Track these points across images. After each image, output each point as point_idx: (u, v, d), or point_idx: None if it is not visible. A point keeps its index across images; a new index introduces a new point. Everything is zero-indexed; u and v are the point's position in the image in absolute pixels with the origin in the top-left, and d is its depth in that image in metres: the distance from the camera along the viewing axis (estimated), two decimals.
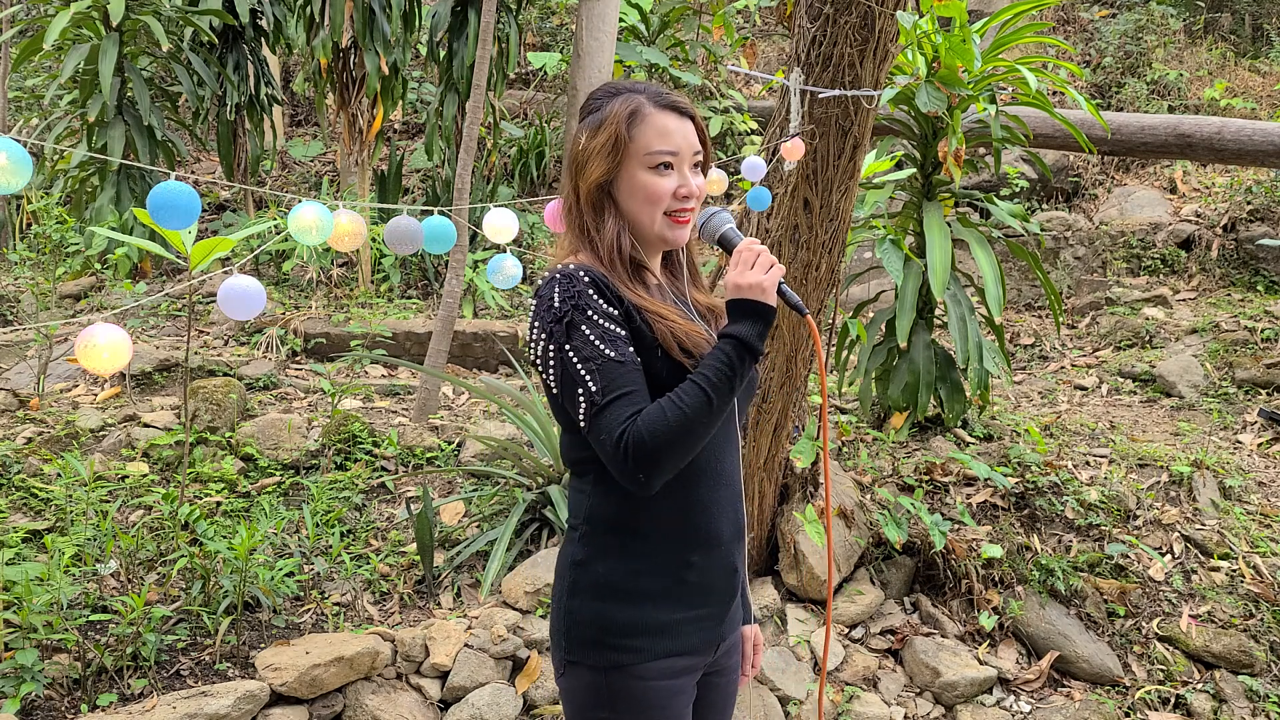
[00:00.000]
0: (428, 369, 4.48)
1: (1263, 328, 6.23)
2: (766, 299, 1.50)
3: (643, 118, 1.57)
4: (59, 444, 3.94)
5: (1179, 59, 9.71)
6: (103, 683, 2.77)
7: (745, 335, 1.48)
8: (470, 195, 4.97)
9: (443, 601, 3.51)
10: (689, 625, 1.59)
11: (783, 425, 3.58)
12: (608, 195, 1.59)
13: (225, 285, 1.82)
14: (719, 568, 1.61)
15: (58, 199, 6.20)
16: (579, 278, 1.49)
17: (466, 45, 6.81)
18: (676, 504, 1.56)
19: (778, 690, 3.25)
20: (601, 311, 1.48)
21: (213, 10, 6.38)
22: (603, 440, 1.44)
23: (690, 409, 1.43)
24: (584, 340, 1.46)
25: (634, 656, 1.54)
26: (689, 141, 1.59)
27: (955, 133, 4.00)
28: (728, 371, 1.46)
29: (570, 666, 1.59)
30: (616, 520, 1.56)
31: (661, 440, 1.40)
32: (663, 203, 1.57)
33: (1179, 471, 4.31)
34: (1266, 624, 3.64)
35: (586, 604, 1.56)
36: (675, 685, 1.58)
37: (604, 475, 1.56)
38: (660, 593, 1.56)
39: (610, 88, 1.62)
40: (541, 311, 1.49)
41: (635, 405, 1.44)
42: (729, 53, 9.67)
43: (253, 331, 5.70)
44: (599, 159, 1.57)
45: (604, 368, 1.44)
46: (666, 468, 1.43)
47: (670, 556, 1.57)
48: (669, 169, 1.58)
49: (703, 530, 1.58)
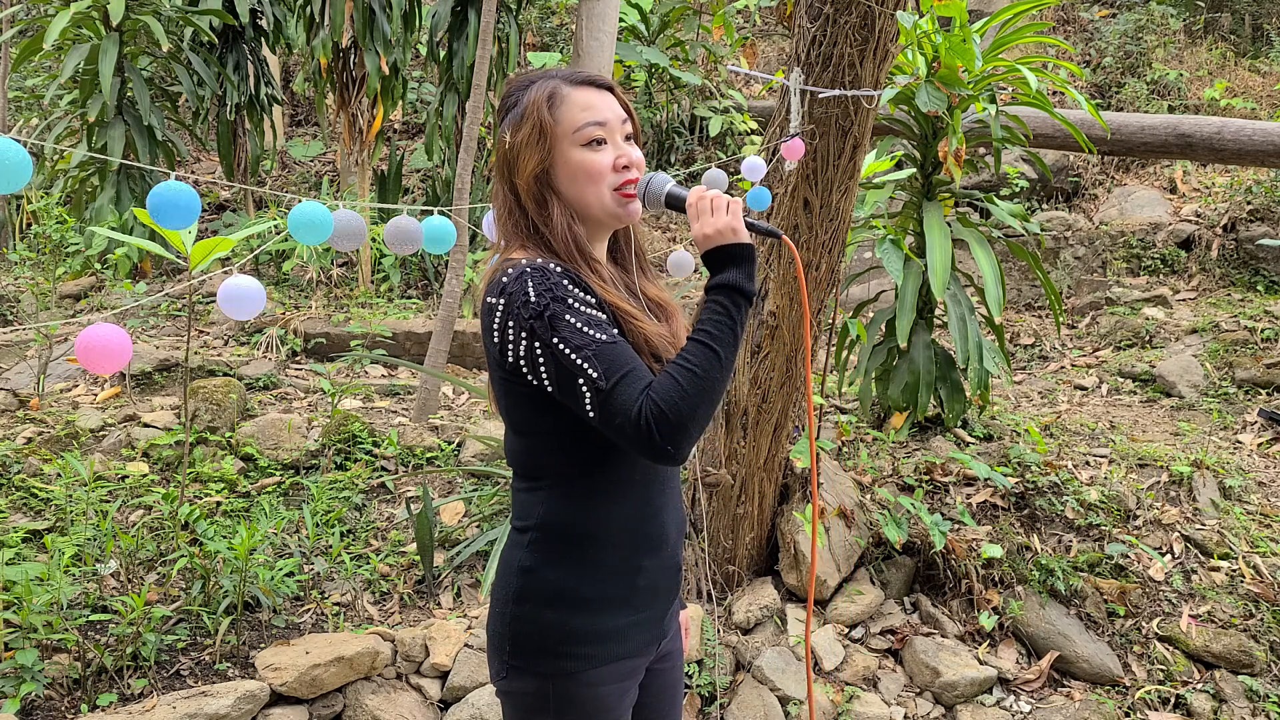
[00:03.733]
0: (428, 369, 4.48)
1: (1263, 328, 6.24)
2: (739, 238, 1.46)
3: (562, 98, 1.52)
4: (59, 444, 3.94)
5: (1179, 59, 9.71)
6: (103, 683, 2.77)
7: (733, 280, 1.44)
8: (470, 195, 4.98)
9: (443, 601, 3.51)
10: (636, 628, 1.58)
11: (782, 425, 3.58)
12: (547, 186, 1.52)
13: (225, 285, 1.82)
14: (665, 568, 1.60)
15: (58, 199, 6.20)
16: (550, 269, 1.43)
17: (466, 45, 6.81)
18: (630, 509, 1.54)
19: (778, 690, 3.25)
20: (580, 299, 1.42)
21: (213, 10, 6.38)
22: (619, 424, 1.37)
23: (700, 368, 1.37)
24: (571, 330, 1.39)
25: (584, 664, 1.52)
26: (615, 112, 1.54)
27: (955, 133, 4.00)
28: (728, 321, 1.41)
29: (514, 671, 1.54)
30: (571, 528, 1.51)
31: (681, 406, 1.34)
32: (604, 177, 1.51)
33: (1179, 471, 4.31)
34: (1266, 624, 3.64)
35: (534, 611, 1.52)
36: (621, 689, 1.57)
37: (562, 481, 1.52)
38: (611, 599, 1.53)
39: (522, 80, 1.57)
40: (515, 310, 1.41)
41: (643, 380, 1.38)
42: (729, 53, 9.67)
43: (253, 331, 5.70)
44: (528, 151, 1.51)
45: (600, 353, 1.38)
46: (694, 433, 1.37)
47: (623, 563, 1.54)
48: (601, 144, 1.52)
49: (654, 534, 1.57)
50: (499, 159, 1.57)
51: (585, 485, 1.51)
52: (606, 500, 1.52)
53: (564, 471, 1.51)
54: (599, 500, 1.51)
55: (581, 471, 1.51)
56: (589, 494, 1.51)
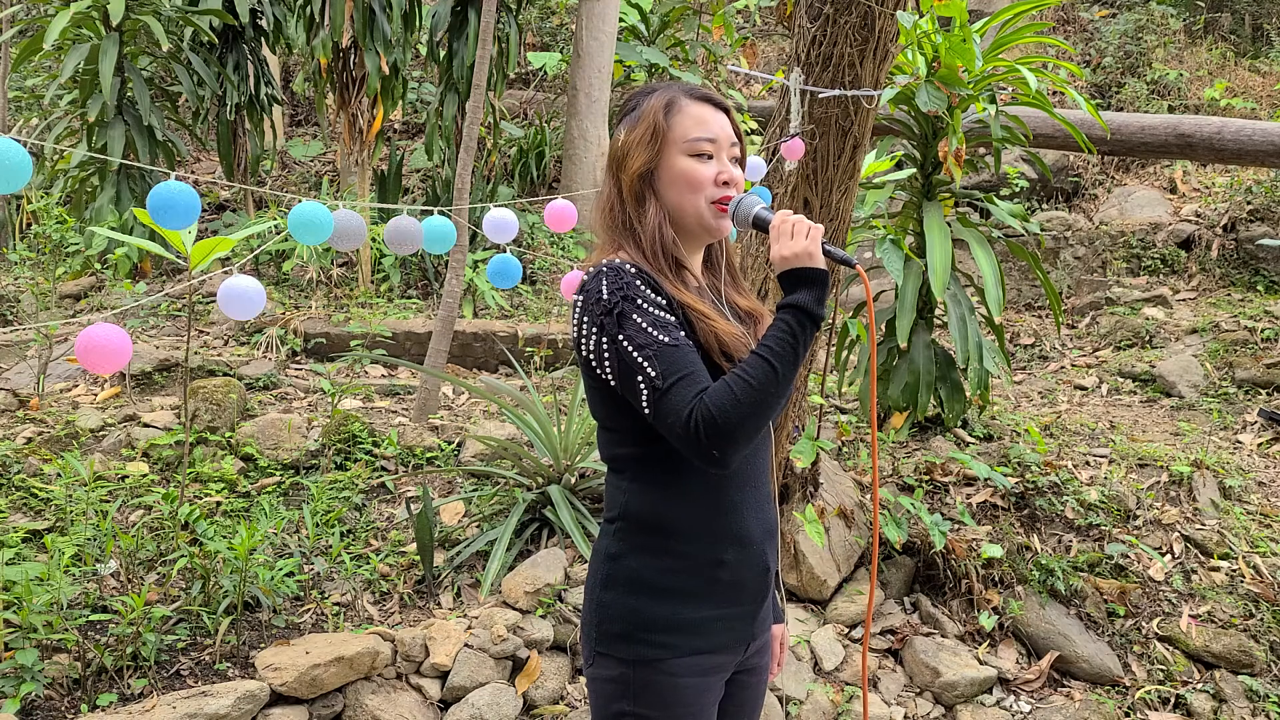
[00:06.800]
0: (428, 369, 4.48)
1: (1263, 328, 6.24)
2: (814, 262, 1.50)
3: (679, 108, 1.61)
4: (59, 444, 3.94)
5: (1179, 59, 9.71)
6: (103, 683, 2.77)
7: (802, 302, 1.48)
8: (470, 195, 4.98)
9: (443, 601, 3.51)
10: (719, 624, 1.60)
11: (782, 425, 3.59)
12: (649, 186, 1.61)
13: (225, 285, 1.82)
14: (751, 567, 1.62)
15: (58, 199, 6.20)
16: (625, 270, 1.51)
17: (466, 45, 6.81)
18: (707, 503, 1.57)
19: (778, 690, 3.25)
20: (649, 300, 1.50)
21: (213, 10, 6.38)
22: (670, 423, 1.43)
23: (756, 381, 1.42)
24: (637, 329, 1.47)
25: (664, 652, 1.56)
26: (726, 132, 1.62)
27: (955, 132, 4.00)
28: (790, 340, 1.45)
29: (599, 658, 1.60)
30: (651, 517, 1.57)
31: (731, 415, 1.40)
32: (704, 188, 1.59)
33: (1179, 471, 4.31)
34: (1266, 624, 3.64)
35: (619, 598, 1.58)
36: (703, 684, 1.59)
37: (641, 472, 1.58)
38: (692, 590, 1.57)
39: (646, 88, 1.67)
40: (590, 305, 1.50)
41: (699, 384, 1.44)
42: (729, 53, 9.67)
43: (253, 331, 5.70)
44: (639, 150, 1.60)
45: (661, 353, 1.45)
46: (741, 442, 1.42)
47: (703, 555, 1.57)
48: (708, 158, 1.60)
49: (733, 530, 1.59)
50: (611, 156, 1.67)
51: (661, 478, 1.56)
52: (681, 494, 1.56)
53: (641, 464, 1.58)
54: (674, 493, 1.57)
55: (657, 465, 1.56)
56: (665, 486, 1.57)
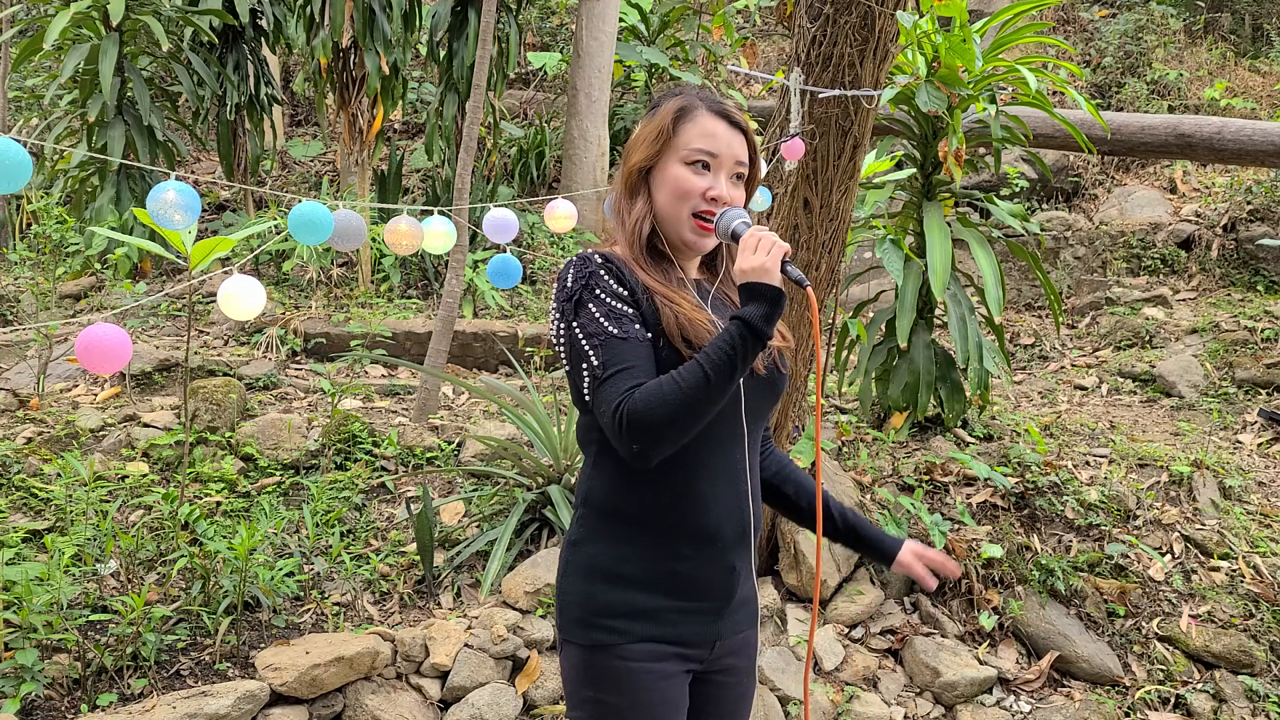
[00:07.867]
0: (428, 369, 4.48)
1: (1263, 328, 6.23)
2: (769, 279, 1.50)
3: (691, 116, 1.64)
4: (59, 444, 3.94)
5: (1179, 59, 9.71)
6: (103, 683, 2.77)
7: (749, 315, 1.49)
8: (470, 195, 4.98)
9: (443, 601, 3.51)
10: (676, 615, 1.60)
11: (782, 425, 3.59)
12: (643, 182, 1.66)
13: (225, 285, 1.82)
14: (716, 564, 1.62)
15: (58, 199, 6.20)
16: (592, 259, 1.56)
17: (466, 45, 6.81)
18: (671, 494, 1.58)
19: (778, 690, 3.25)
20: (610, 291, 1.54)
21: (213, 10, 6.38)
22: (602, 412, 1.48)
23: (685, 384, 1.44)
24: (590, 317, 1.52)
25: (616, 637, 1.58)
26: (732, 150, 1.64)
27: (955, 132, 4.00)
28: (729, 351, 1.46)
29: (564, 644, 1.65)
30: (608, 504, 1.61)
31: (656, 414, 1.43)
32: (690, 200, 1.61)
33: (1179, 471, 4.31)
34: (1266, 624, 3.64)
35: (575, 584, 1.62)
36: (660, 670, 1.59)
37: (600, 458, 1.62)
38: (647, 579, 1.59)
39: (674, 90, 1.70)
40: (557, 292, 1.57)
41: (634, 379, 1.47)
42: (729, 53, 9.67)
43: (253, 331, 5.70)
44: (643, 146, 1.65)
45: (607, 343, 1.49)
46: (662, 442, 1.45)
47: (659, 545, 1.59)
48: (705, 169, 1.62)
49: (697, 524, 1.59)
50: (625, 146, 1.72)
51: (624, 466, 1.58)
52: (641, 483, 1.59)
53: (605, 451, 1.61)
54: (634, 482, 1.59)
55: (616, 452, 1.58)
56: (628, 474, 1.59)
